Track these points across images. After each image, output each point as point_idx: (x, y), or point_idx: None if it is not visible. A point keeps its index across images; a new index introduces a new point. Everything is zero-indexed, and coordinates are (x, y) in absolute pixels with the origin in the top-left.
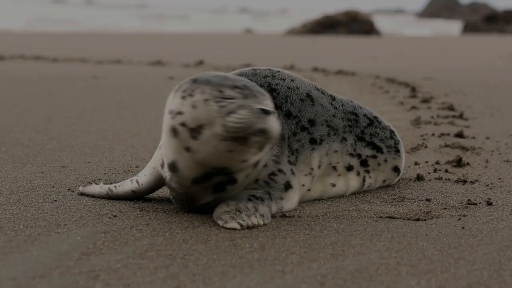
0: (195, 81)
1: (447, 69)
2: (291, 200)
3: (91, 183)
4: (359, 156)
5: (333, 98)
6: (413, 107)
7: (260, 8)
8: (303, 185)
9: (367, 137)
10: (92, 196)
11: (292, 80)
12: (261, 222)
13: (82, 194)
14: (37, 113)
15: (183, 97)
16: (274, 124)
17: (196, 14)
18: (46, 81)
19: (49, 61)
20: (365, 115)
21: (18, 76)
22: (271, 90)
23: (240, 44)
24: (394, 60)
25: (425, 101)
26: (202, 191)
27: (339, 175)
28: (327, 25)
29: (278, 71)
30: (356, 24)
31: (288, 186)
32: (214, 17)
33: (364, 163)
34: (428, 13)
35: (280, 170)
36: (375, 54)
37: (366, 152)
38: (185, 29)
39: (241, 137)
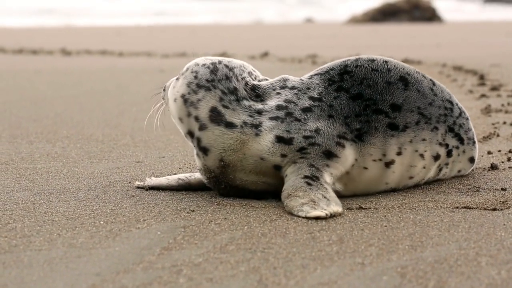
0: None
1: None
2: (338, 169)
3: (146, 179)
4: (446, 146)
5: (433, 83)
6: (483, 95)
7: None
8: (365, 168)
9: (456, 128)
10: (158, 188)
11: (385, 62)
12: (339, 210)
13: (142, 188)
14: (109, 108)
15: None
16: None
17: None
18: (114, 75)
19: (115, 55)
20: (457, 104)
21: (86, 71)
22: (344, 72)
23: (302, 34)
24: (459, 47)
25: (494, 88)
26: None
27: (423, 166)
28: (388, 13)
29: (370, 56)
30: (417, 11)
31: (329, 155)
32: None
33: (449, 153)
34: None
35: (312, 144)
36: (439, 41)
37: (453, 142)
38: (246, 20)
39: None
